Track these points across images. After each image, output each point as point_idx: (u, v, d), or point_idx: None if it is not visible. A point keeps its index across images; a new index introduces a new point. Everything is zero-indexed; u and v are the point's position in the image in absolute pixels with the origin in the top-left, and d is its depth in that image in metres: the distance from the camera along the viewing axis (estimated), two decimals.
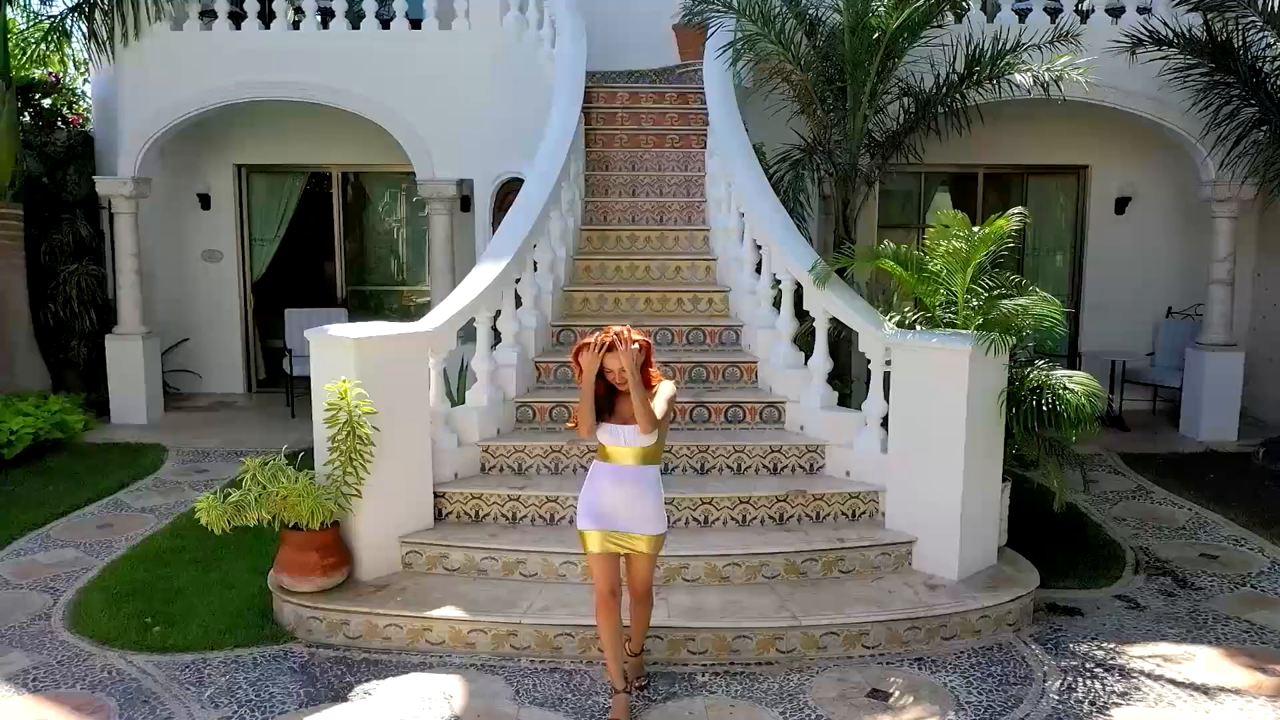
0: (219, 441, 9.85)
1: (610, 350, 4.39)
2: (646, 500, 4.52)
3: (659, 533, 4.58)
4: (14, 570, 6.47)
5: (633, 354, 4.36)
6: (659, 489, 4.59)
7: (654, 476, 4.57)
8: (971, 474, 5.76)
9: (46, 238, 10.83)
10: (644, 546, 4.55)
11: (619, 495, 4.51)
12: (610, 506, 4.52)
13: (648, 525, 4.53)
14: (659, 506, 4.57)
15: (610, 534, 4.52)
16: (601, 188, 9.29)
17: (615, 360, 4.39)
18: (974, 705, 4.82)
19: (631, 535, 4.52)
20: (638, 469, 4.51)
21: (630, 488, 4.50)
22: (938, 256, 6.02)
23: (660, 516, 4.59)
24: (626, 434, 4.47)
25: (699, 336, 7.62)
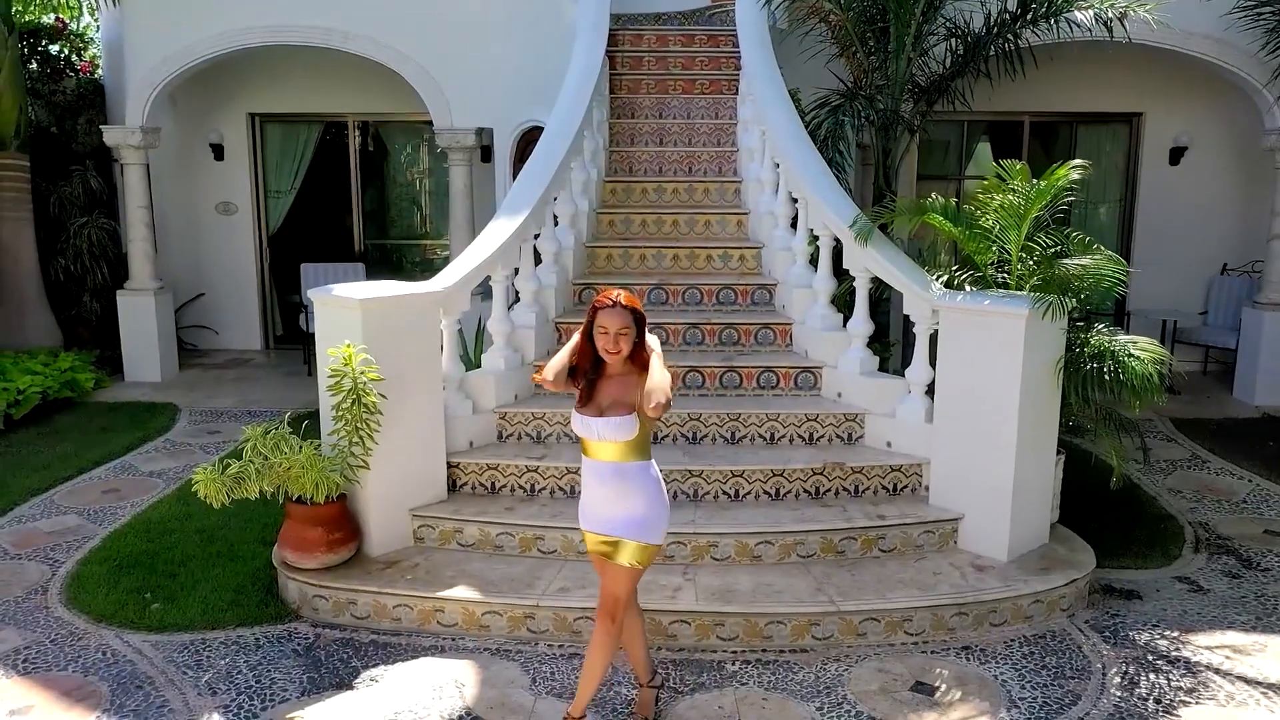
0: (233, 401, 9.56)
1: (611, 308, 3.73)
2: (630, 501, 3.84)
3: (645, 542, 3.87)
4: (13, 539, 6.20)
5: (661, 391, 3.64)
6: (651, 488, 3.88)
7: (639, 473, 3.85)
8: (1025, 446, 5.33)
9: (56, 190, 10.49)
10: (622, 556, 3.86)
11: (601, 494, 3.89)
12: (594, 505, 3.94)
13: (629, 529, 3.84)
14: (650, 509, 3.86)
15: (593, 535, 3.96)
16: (627, 136, 8.83)
17: (613, 319, 3.71)
18: (1028, 702, 4.43)
19: (609, 538, 3.89)
20: (614, 465, 3.82)
21: (612, 486, 3.85)
22: (991, 211, 5.53)
23: (648, 522, 3.86)
24: (599, 427, 3.78)
25: (730, 296, 7.18)
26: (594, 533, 3.95)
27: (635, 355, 3.78)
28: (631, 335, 3.74)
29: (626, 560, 3.87)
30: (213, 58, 10.04)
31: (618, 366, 3.80)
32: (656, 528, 3.90)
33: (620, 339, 3.72)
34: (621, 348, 3.73)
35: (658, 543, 3.93)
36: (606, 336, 3.72)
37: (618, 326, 3.71)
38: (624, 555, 3.87)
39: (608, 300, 3.75)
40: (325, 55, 10.23)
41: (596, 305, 3.77)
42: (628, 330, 3.72)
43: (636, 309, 3.76)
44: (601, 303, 3.75)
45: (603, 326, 3.73)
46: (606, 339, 3.73)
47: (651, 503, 3.87)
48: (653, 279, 7.30)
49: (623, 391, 3.79)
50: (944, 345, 5.57)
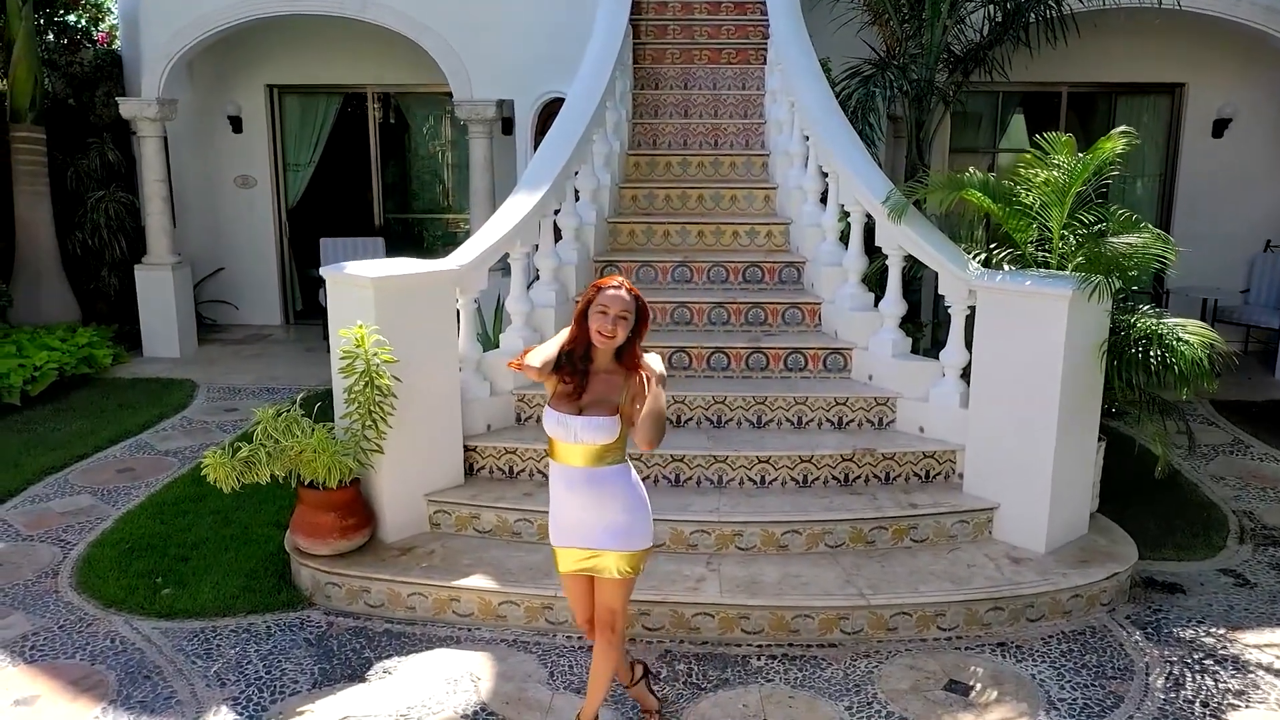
0: (252, 378, 9.44)
1: (615, 290, 3.45)
2: (609, 507, 3.54)
3: (632, 549, 3.58)
4: (26, 520, 6.10)
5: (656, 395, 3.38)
6: (631, 491, 3.59)
7: (615, 478, 3.54)
8: (1065, 433, 5.09)
9: (73, 163, 10.36)
10: (611, 565, 3.58)
11: (574, 503, 3.57)
12: (568, 516, 3.60)
13: (613, 540, 3.55)
14: (633, 514, 3.58)
15: (573, 551, 3.62)
16: (651, 108, 8.59)
17: (616, 301, 3.42)
18: (1067, 704, 4.23)
19: (594, 552, 3.59)
20: (586, 472, 3.51)
21: (584, 494, 3.53)
22: (1033, 187, 5.26)
23: (634, 528, 3.58)
24: (577, 427, 3.45)
25: (756, 274, 6.95)
26: (570, 548, 3.63)
27: (625, 354, 3.50)
28: (629, 325, 3.45)
29: (616, 571, 3.59)
30: (229, 28, 9.86)
31: (605, 360, 3.51)
32: (642, 531, 3.62)
33: (619, 323, 3.42)
34: (617, 333, 3.43)
35: (648, 546, 3.66)
36: (605, 317, 3.41)
37: (619, 309, 3.42)
38: (612, 567, 3.59)
39: (615, 282, 3.49)
40: (344, 25, 10.03)
41: (600, 285, 3.50)
42: (627, 316, 3.44)
43: (641, 300, 3.52)
44: (605, 283, 3.50)
45: (604, 306, 3.43)
46: (604, 320, 3.41)
47: (632, 507, 3.58)
48: (677, 256, 7.07)
49: (607, 390, 3.49)
50: (981, 327, 5.33)
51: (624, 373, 3.50)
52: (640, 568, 3.66)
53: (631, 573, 3.62)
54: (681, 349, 6.24)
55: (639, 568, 3.65)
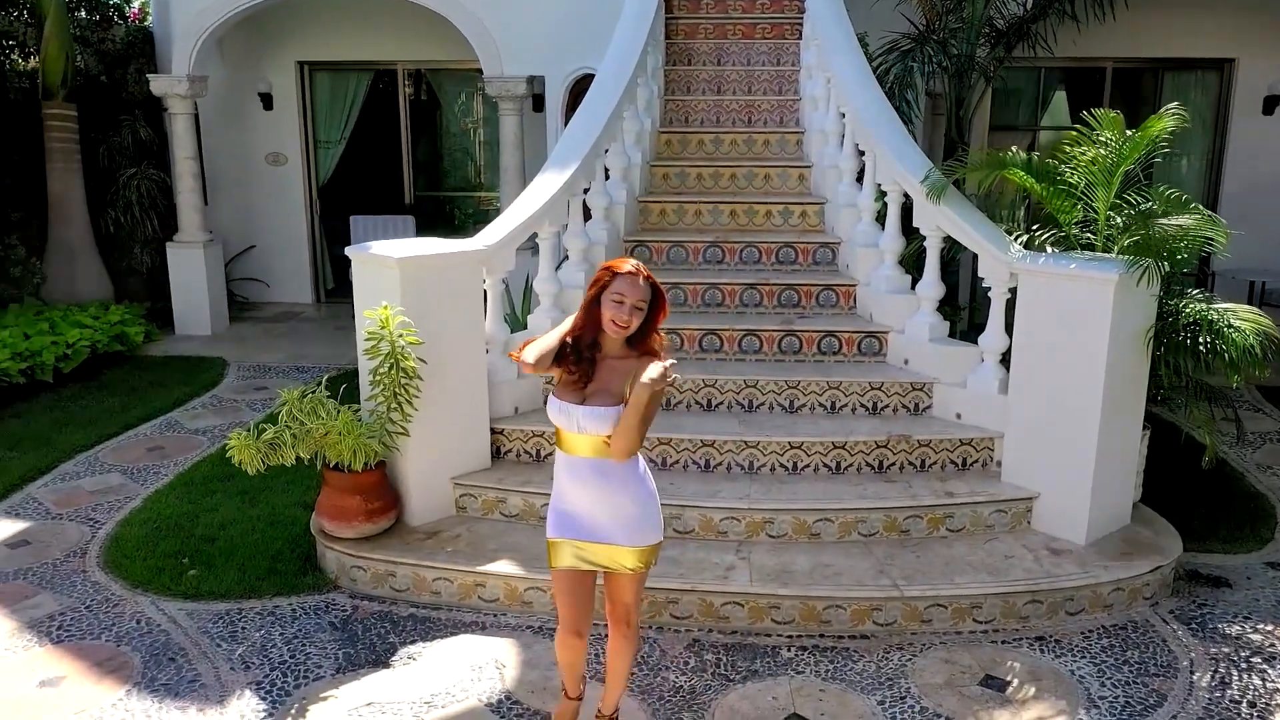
0: (282, 356, 9.43)
1: (633, 277, 3.25)
2: (618, 499, 3.37)
3: (644, 544, 3.43)
4: (56, 498, 6.11)
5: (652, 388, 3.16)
6: (641, 484, 3.42)
7: (624, 471, 3.36)
8: (1109, 421, 4.93)
9: (105, 140, 10.36)
10: (624, 561, 3.43)
11: (582, 495, 3.40)
12: (574, 508, 3.43)
13: (625, 534, 3.39)
14: (643, 507, 3.41)
15: (580, 545, 3.43)
16: (683, 84, 8.42)
17: (634, 289, 3.23)
18: (1108, 702, 4.10)
19: (605, 547, 3.41)
20: (593, 463, 3.34)
21: (592, 486, 3.37)
22: (1079, 165, 5.08)
23: (644, 521, 3.42)
24: (580, 416, 3.29)
25: (790, 255, 6.80)
26: (573, 540, 3.43)
27: (639, 340, 3.33)
28: (644, 314, 3.28)
29: (630, 566, 3.44)
30: (259, 3, 9.80)
31: (615, 347, 3.33)
32: (653, 524, 3.46)
33: (635, 314, 3.25)
34: (631, 324, 3.25)
35: (659, 540, 3.50)
36: (621, 307, 3.23)
37: (636, 298, 3.23)
38: (626, 563, 3.43)
39: (630, 267, 3.28)
40: (374, 1, 9.96)
41: (614, 270, 3.28)
42: (643, 306, 3.26)
43: (658, 286, 3.32)
44: (619, 267, 3.29)
45: (620, 294, 3.23)
46: (620, 310, 3.23)
47: (641, 500, 3.41)
48: (708, 236, 6.94)
49: (613, 378, 3.31)
50: (1022, 311, 5.16)
51: (634, 358, 3.32)
52: (653, 561, 3.52)
53: (644, 567, 3.48)
54: (712, 331, 6.12)
55: (652, 562, 3.51)
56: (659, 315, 3.34)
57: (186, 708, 4.03)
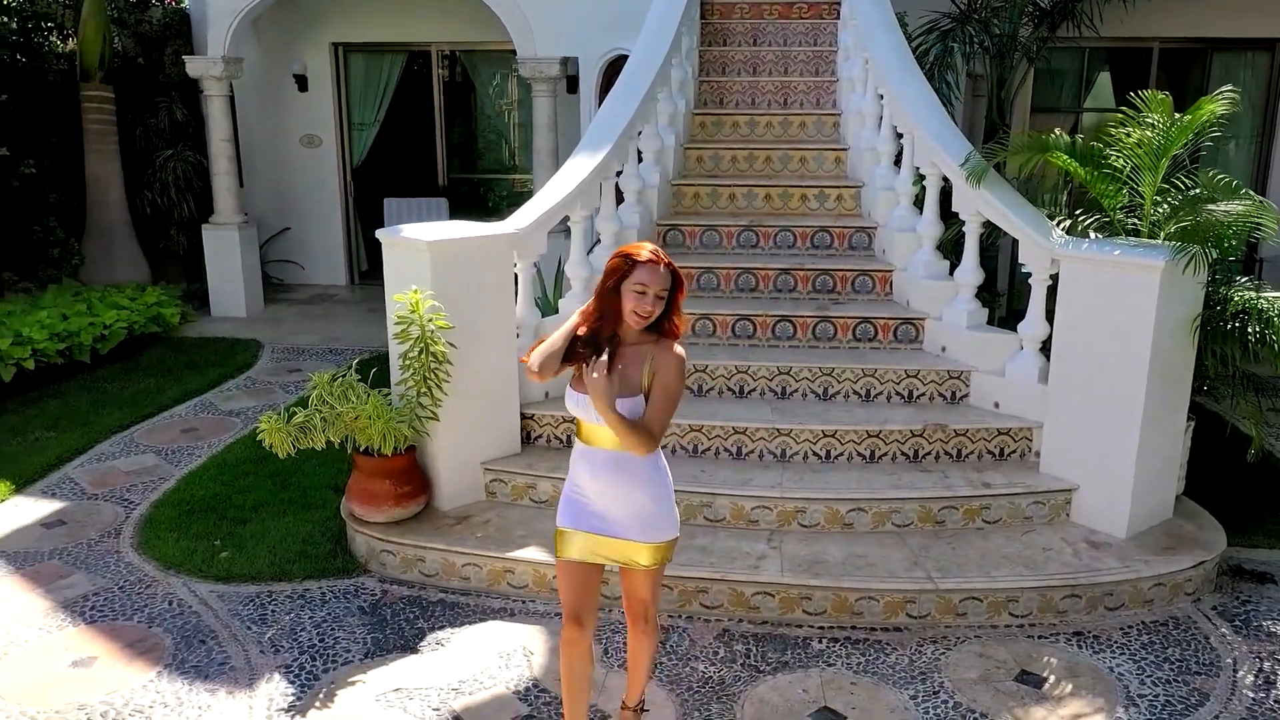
0: (316, 338, 9.47)
1: (654, 265, 3.09)
2: (636, 494, 3.25)
3: (659, 540, 3.31)
4: (92, 478, 6.17)
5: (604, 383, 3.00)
6: (658, 479, 3.29)
7: (643, 466, 3.24)
8: (1152, 411, 4.80)
9: (142, 122, 10.44)
10: (639, 557, 3.31)
11: (597, 487, 3.28)
12: (589, 501, 3.31)
13: (639, 529, 3.27)
14: (659, 502, 3.29)
15: (592, 537, 3.31)
16: (718, 65, 8.31)
17: (656, 278, 3.08)
18: (1148, 700, 4.00)
19: (619, 542, 3.29)
20: (612, 456, 3.21)
21: (608, 480, 3.25)
22: (1124, 148, 4.93)
23: (661, 517, 3.30)
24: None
25: (825, 239, 6.70)
26: (586, 532, 3.31)
27: (659, 322, 3.17)
28: (665, 300, 3.14)
29: (645, 563, 3.32)
30: None
31: (633, 334, 3.18)
32: (669, 520, 3.34)
33: (658, 303, 3.11)
34: (654, 313, 3.12)
35: (675, 536, 3.38)
36: (644, 297, 3.08)
37: (659, 287, 3.09)
38: (642, 559, 3.31)
39: (648, 253, 3.12)
40: None
41: (632, 257, 3.12)
42: (665, 294, 3.12)
43: (677, 271, 3.17)
44: (637, 255, 3.12)
45: (642, 284, 3.08)
46: (643, 300, 3.08)
47: (658, 495, 3.29)
48: (742, 220, 6.85)
49: (630, 366, 3.15)
50: (1064, 298, 5.03)
51: (652, 342, 3.17)
52: (669, 557, 3.40)
53: (660, 564, 3.37)
54: (746, 317, 6.04)
55: (668, 557, 3.39)
56: (679, 298, 3.21)
57: (216, 690, 4.04)
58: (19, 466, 6.19)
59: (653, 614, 3.49)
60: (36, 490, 5.97)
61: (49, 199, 9.76)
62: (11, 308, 8.24)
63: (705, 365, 5.72)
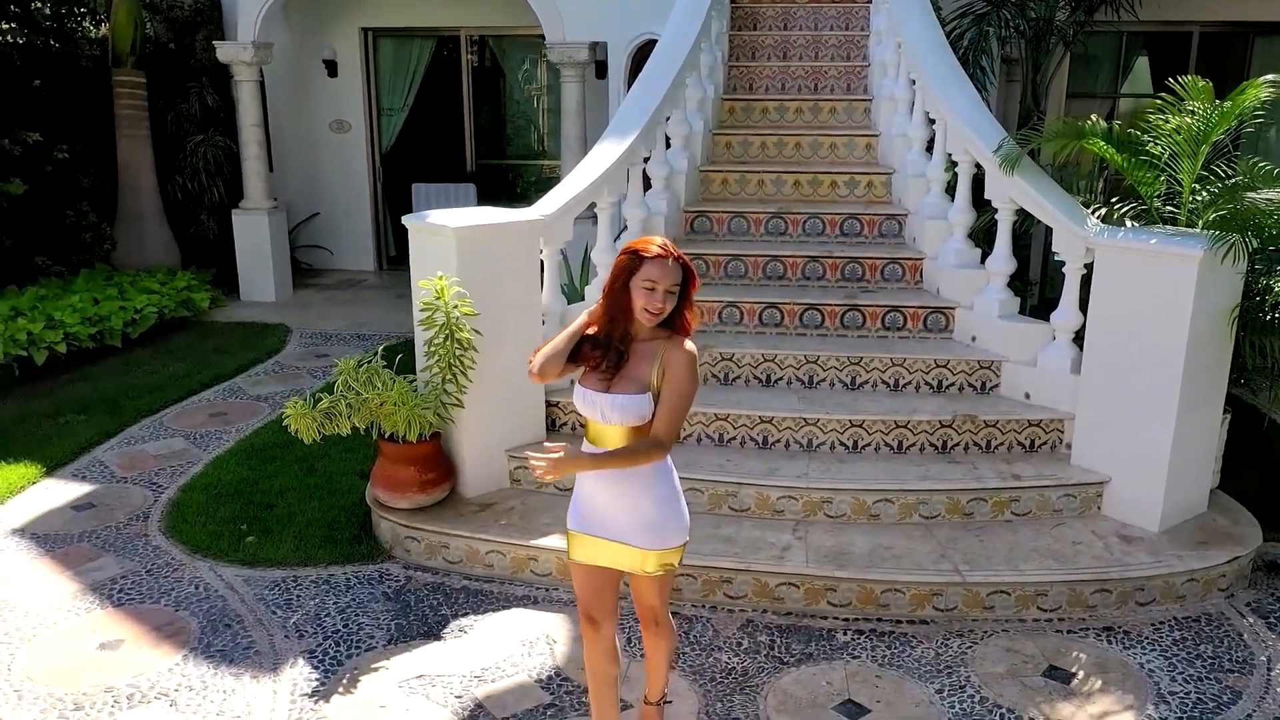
0: (344, 323, 9.50)
1: (663, 260, 2.98)
2: (641, 500, 3.12)
3: (664, 547, 3.16)
4: (121, 461, 6.22)
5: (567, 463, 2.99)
6: (664, 482, 3.16)
7: (648, 471, 3.10)
8: (1188, 403, 4.71)
9: (173, 107, 10.49)
10: (644, 564, 3.17)
11: (599, 490, 3.17)
12: (592, 503, 3.20)
13: (645, 536, 3.13)
14: (665, 507, 3.15)
15: (598, 542, 3.19)
16: (748, 50, 8.23)
17: (666, 273, 2.97)
18: (1179, 697, 3.93)
19: (624, 548, 3.16)
20: None
21: (610, 484, 3.13)
22: (1163, 135, 4.82)
23: (667, 521, 3.15)
24: (604, 405, 3.06)
25: (855, 226, 6.62)
26: (591, 535, 3.20)
27: (671, 318, 3.06)
28: (676, 295, 3.03)
29: (652, 569, 3.18)
30: None
31: (645, 331, 3.07)
32: (676, 526, 3.19)
33: (669, 299, 3.00)
34: (666, 308, 3.01)
35: (682, 543, 3.23)
36: (654, 294, 2.97)
37: (669, 283, 2.98)
38: (646, 566, 3.17)
39: (657, 248, 3.00)
40: None
41: (640, 252, 3.01)
42: (675, 289, 3.01)
43: (688, 265, 3.05)
44: (646, 250, 3.00)
45: (651, 280, 2.96)
46: (653, 297, 2.97)
47: (663, 499, 3.15)
48: (771, 207, 6.78)
49: (640, 364, 3.05)
50: (1098, 288, 4.94)
51: (663, 339, 3.06)
52: (677, 563, 3.27)
53: (665, 570, 3.23)
54: (773, 305, 5.98)
55: (675, 564, 3.25)
56: (691, 292, 3.09)
57: (241, 675, 4.06)
58: (50, 449, 6.26)
59: (664, 616, 3.41)
60: (67, 473, 6.03)
61: (81, 184, 9.84)
62: (44, 292, 8.33)
63: (732, 353, 5.67)
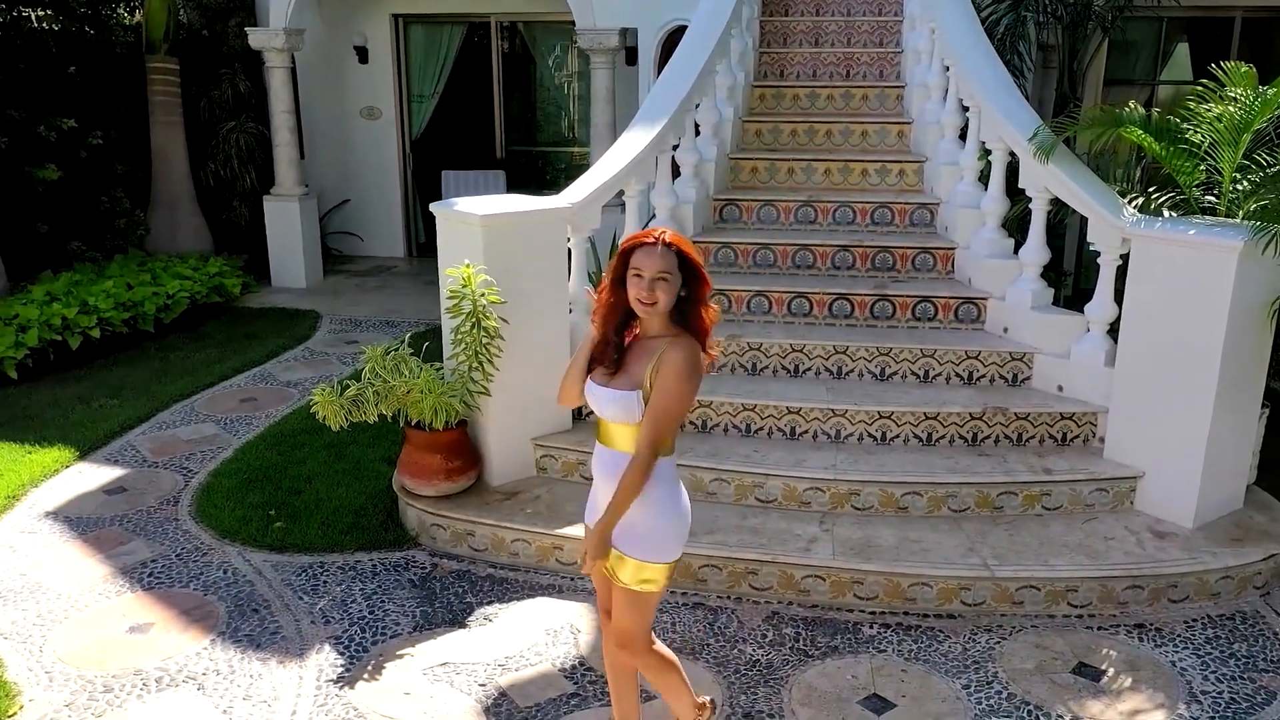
0: (373, 310, 9.54)
1: (649, 247, 2.84)
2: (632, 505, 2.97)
3: (640, 559, 2.98)
4: (153, 446, 6.28)
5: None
6: (656, 497, 2.96)
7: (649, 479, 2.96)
8: (1224, 398, 4.61)
9: (206, 94, 10.55)
10: (618, 570, 3.01)
11: (601, 485, 3.06)
12: (594, 497, 3.14)
13: (624, 539, 2.98)
14: (649, 519, 2.97)
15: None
16: (779, 36, 8.15)
17: (650, 261, 2.82)
18: (1211, 697, 3.86)
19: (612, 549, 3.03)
20: (616, 456, 2.97)
21: (610, 481, 2.98)
22: (1203, 123, 4.72)
23: (652, 533, 2.98)
24: (602, 399, 2.96)
25: (886, 215, 6.54)
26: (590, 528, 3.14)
27: (681, 315, 2.91)
28: (674, 285, 2.84)
29: (625, 579, 3.01)
30: None
31: (653, 326, 2.92)
32: (661, 540, 3.01)
33: (657, 286, 2.82)
34: (658, 298, 2.83)
35: (665, 561, 3.02)
36: (640, 282, 2.83)
37: (655, 270, 2.81)
38: (623, 572, 3.01)
39: (646, 238, 2.87)
40: None
41: (630, 241, 2.91)
42: (667, 276, 2.82)
43: (685, 251, 2.86)
44: (636, 240, 2.89)
45: (636, 269, 2.84)
46: (640, 285, 2.83)
47: (651, 511, 2.97)
48: (801, 195, 6.72)
49: (639, 359, 2.92)
50: (1134, 279, 4.85)
51: (670, 337, 2.90)
52: (659, 583, 3.03)
53: (644, 589, 3.02)
54: (802, 294, 5.93)
55: (657, 583, 3.02)
56: (700, 287, 2.89)
57: (267, 660, 4.09)
58: (84, 433, 6.33)
59: (629, 644, 3.15)
60: (100, 457, 6.09)
61: (116, 170, 9.93)
62: (79, 277, 8.42)
63: (760, 343, 5.63)
